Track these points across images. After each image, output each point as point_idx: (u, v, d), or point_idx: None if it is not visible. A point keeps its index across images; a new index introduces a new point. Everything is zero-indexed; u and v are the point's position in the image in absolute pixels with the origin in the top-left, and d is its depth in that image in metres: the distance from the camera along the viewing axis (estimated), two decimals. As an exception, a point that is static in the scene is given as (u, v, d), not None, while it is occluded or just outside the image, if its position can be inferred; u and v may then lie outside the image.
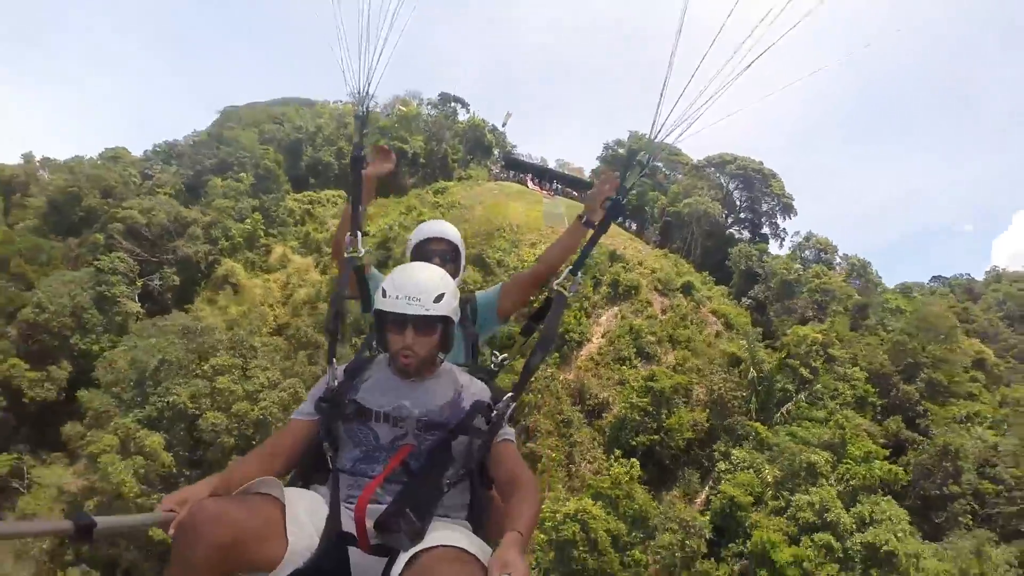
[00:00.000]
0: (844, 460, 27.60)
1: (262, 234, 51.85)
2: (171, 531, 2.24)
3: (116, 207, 51.94)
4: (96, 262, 46.20)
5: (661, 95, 2.52)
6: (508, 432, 2.63)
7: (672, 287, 41.55)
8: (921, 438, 32.53)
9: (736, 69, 2.43)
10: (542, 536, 24.45)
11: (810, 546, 24.36)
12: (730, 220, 61.58)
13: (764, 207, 62.34)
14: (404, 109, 72.08)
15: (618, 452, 29.25)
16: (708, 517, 26.09)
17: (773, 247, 62.19)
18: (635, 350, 35.09)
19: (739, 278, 48.69)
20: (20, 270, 48.04)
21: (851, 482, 26.73)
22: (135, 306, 45.44)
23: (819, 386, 32.14)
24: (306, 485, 2.65)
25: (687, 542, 24.04)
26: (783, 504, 26.36)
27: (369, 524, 2.32)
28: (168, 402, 31.08)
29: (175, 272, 49.42)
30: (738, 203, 61.50)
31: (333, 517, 2.39)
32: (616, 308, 39.44)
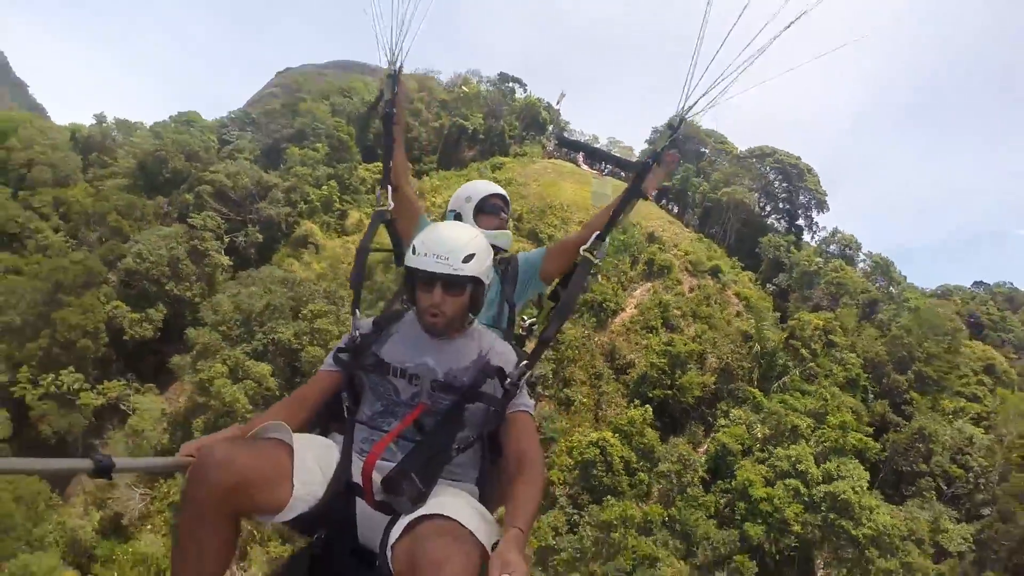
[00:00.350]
0: (823, 426, 33.03)
1: (337, 200, 57.20)
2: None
3: (203, 170, 56.86)
4: (189, 219, 52.78)
5: (692, 63, 2.51)
6: (526, 403, 2.63)
7: (702, 269, 46.67)
8: (904, 421, 37.50)
9: (765, 40, 2.44)
10: (568, 459, 30.51)
11: (782, 488, 29.89)
12: (768, 210, 65.98)
13: (801, 199, 66.67)
14: (466, 89, 77.31)
15: (637, 402, 34.97)
16: (704, 459, 31.84)
17: (807, 238, 66.67)
18: (661, 321, 40.47)
19: (767, 266, 53.39)
20: (117, 224, 53.24)
21: (825, 444, 32.09)
22: (224, 259, 50.61)
23: (812, 364, 37.28)
24: (324, 433, 2.75)
25: (684, 474, 29.84)
26: (766, 456, 31.82)
27: (377, 479, 2.40)
28: (273, 339, 37.54)
29: (258, 231, 53.86)
30: (777, 194, 65.96)
31: (343, 466, 2.49)
32: (649, 284, 44.77)
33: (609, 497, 29.36)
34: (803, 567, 29.31)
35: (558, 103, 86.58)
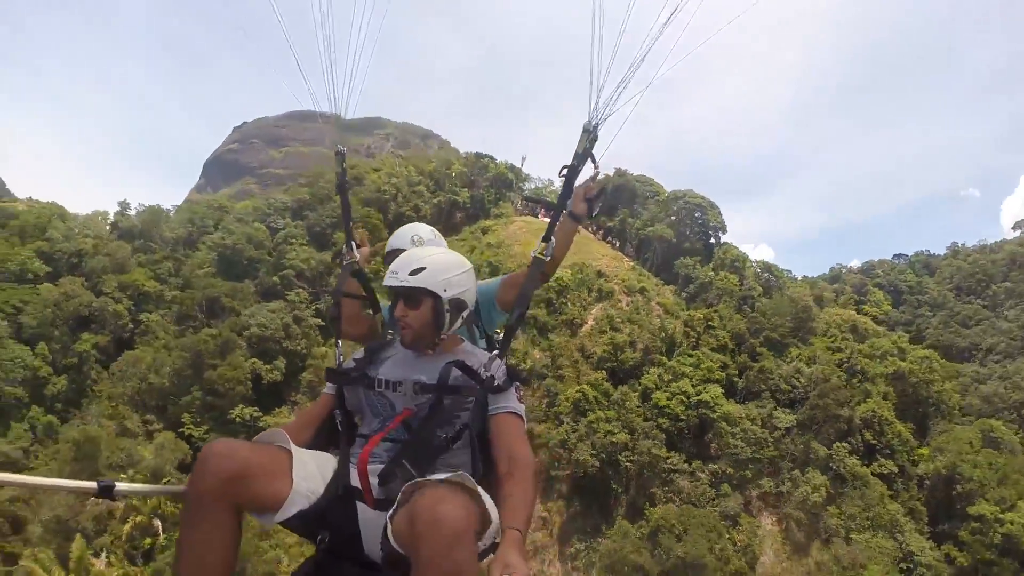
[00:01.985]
0: (699, 368, 61.43)
1: (382, 270, 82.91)
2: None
3: (281, 258, 77.86)
4: (286, 296, 73.04)
5: (591, 78, 2.96)
6: (513, 405, 2.91)
7: (634, 289, 74.86)
8: (754, 364, 66.18)
9: (650, 46, 2.89)
10: (567, 403, 58.13)
11: (669, 396, 58.29)
12: (684, 237, 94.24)
13: (709, 228, 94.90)
14: (449, 171, 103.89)
15: (600, 371, 62.97)
16: (636, 393, 59.85)
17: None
18: (609, 326, 68.33)
19: (680, 281, 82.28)
20: (230, 304, 71.18)
21: (698, 377, 60.67)
22: (317, 321, 69.30)
23: (695, 339, 65.82)
24: (326, 451, 3.01)
25: (626, 400, 57.99)
26: (667, 386, 60.34)
27: (374, 482, 2.67)
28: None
29: (332, 298, 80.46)
30: (688, 226, 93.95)
31: (342, 471, 2.77)
32: (600, 304, 72.72)
33: (589, 414, 57.08)
34: (698, 435, 58.15)
35: (522, 163, 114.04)
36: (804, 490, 55.51)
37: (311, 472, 2.69)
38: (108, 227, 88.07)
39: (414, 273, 2.94)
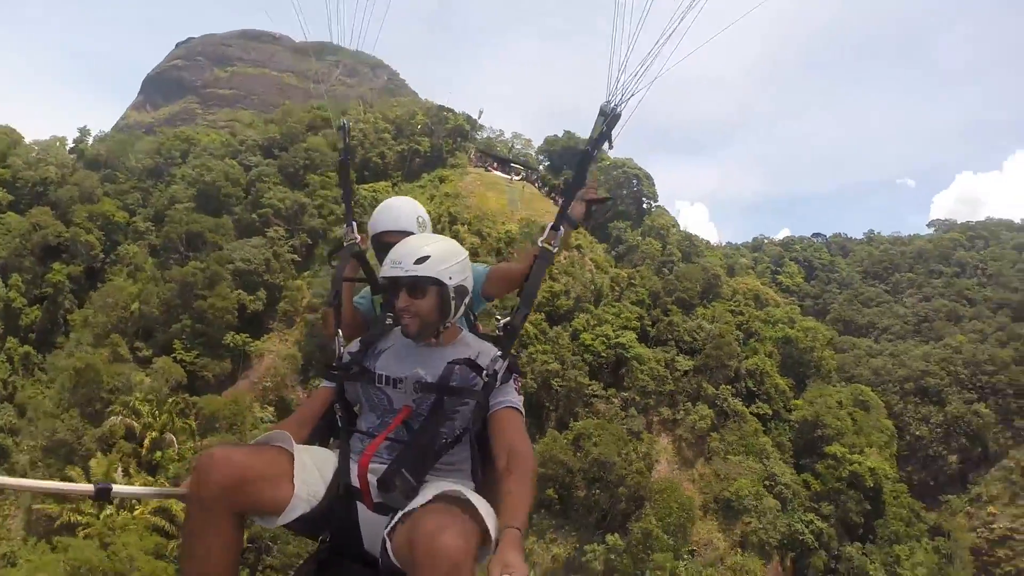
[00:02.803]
0: (619, 317, 76.52)
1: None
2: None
3: (258, 197, 79.19)
4: (266, 231, 76.22)
5: (611, 56, 2.86)
6: (512, 400, 2.96)
7: (571, 245, 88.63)
8: (665, 317, 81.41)
9: (673, 28, 2.82)
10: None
11: (594, 337, 73.51)
12: (619, 203, 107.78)
13: (643, 196, 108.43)
14: (414, 121, 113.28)
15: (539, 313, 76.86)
16: (567, 333, 74.65)
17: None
18: (548, 276, 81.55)
19: (612, 242, 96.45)
20: (214, 239, 73.58)
21: (620, 323, 75.76)
22: (293, 256, 74.99)
23: (619, 293, 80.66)
24: (325, 446, 3.14)
25: (559, 340, 72.67)
26: (592, 329, 75.27)
27: (373, 482, 2.74)
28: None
29: (306, 237, 76.90)
30: (624, 192, 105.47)
31: (342, 469, 2.83)
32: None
33: (530, 347, 70.77)
34: (614, 370, 73.16)
35: (479, 116, 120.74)
36: (693, 418, 71.16)
37: (312, 474, 2.77)
38: (72, 155, 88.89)
39: (419, 262, 2.97)
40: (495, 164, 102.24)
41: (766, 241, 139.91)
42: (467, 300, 3.17)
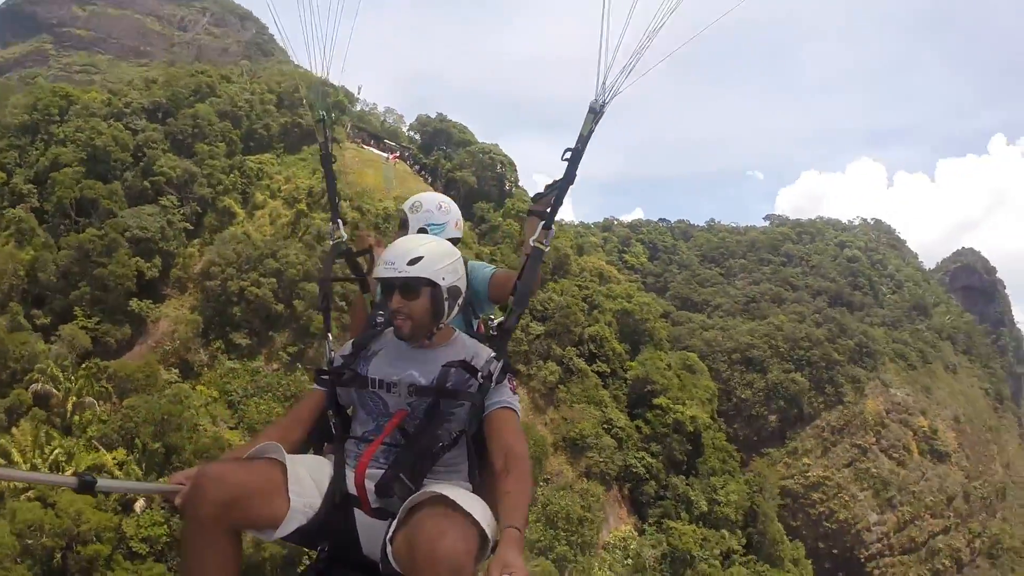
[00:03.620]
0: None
1: (239, 182, 78.81)
2: (176, 501, 2.62)
3: (149, 164, 73.14)
4: (160, 199, 71.16)
5: (600, 54, 2.86)
6: (508, 400, 2.87)
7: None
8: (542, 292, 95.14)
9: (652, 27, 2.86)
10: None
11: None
12: (484, 185, 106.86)
13: (506, 180, 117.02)
14: (299, 94, 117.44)
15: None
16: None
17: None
18: None
19: (475, 221, 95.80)
20: (108, 206, 68.48)
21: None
22: (186, 225, 71.94)
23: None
24: (318, 452, 3.06)
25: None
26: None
27: (370, 487, 2.70)
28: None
29: (197, 206, 73.49)
30: (488, 177, 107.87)
31: (337, 477, 2.78)
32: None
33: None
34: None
35: (358, 93, 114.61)
36: (544, 373, 77.21)
37: (306, 485, 2.73)
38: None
39: (413, 263, 2.88)
40: (372, 141, 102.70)
41: (615, 222, 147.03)
42: (461, 301, 3.09)
